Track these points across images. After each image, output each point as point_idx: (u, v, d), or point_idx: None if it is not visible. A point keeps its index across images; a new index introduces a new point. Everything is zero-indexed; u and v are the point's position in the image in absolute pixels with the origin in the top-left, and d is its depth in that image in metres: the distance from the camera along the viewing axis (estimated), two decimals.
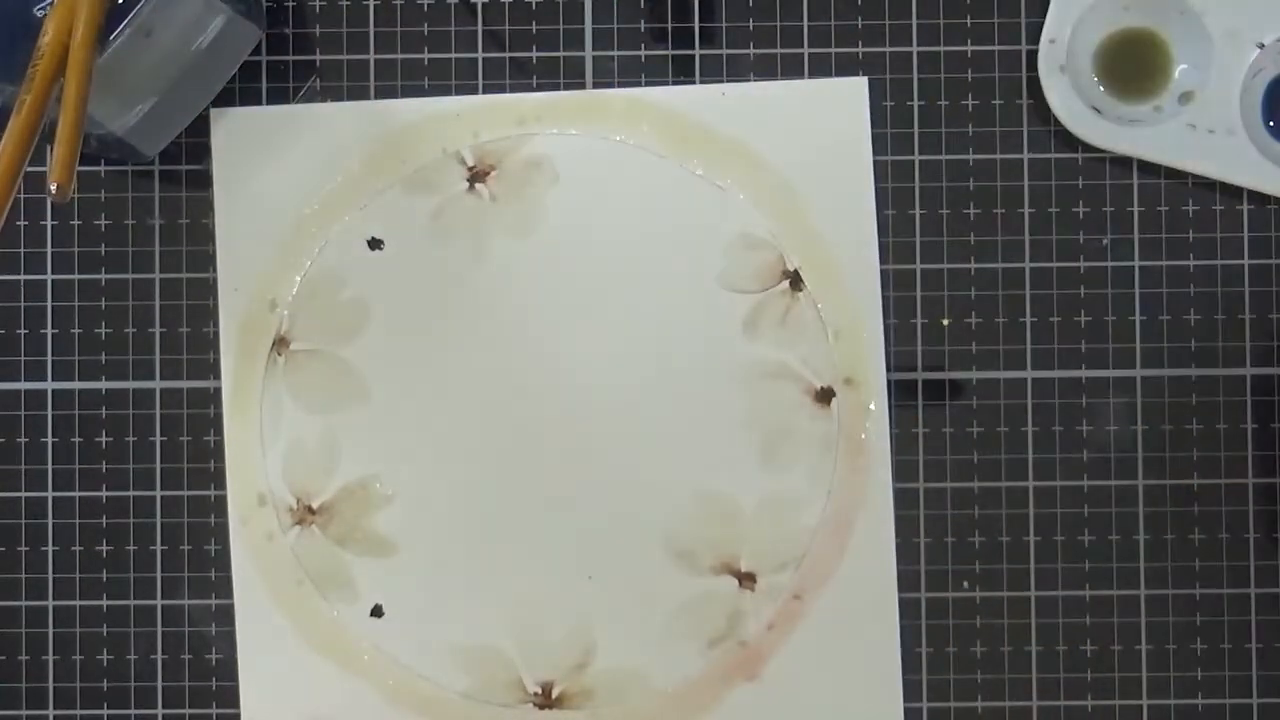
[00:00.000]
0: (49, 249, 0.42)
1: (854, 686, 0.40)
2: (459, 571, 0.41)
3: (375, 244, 0.41)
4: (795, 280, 0.41)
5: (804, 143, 0.41)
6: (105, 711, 0.41)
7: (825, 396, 0.40)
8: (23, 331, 0.42)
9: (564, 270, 0.41)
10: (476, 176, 0.41)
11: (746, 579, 0.40)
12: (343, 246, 0.41)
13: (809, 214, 0.41)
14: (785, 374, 0.40)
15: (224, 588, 0.41)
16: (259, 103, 0.42)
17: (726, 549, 0.41)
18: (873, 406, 0.40)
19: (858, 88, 0.41)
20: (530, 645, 0.41)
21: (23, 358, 0.42)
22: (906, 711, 0.41)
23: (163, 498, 0.42)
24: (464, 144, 0.41)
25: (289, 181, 0.41)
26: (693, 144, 0.41)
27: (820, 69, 0.42)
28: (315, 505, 0.41)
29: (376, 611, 0.41)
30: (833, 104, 0.41)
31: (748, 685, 0.40)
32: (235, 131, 0.41)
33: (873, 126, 0.42)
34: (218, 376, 0.41)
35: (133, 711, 0.41)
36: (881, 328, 0.41)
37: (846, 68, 0.42)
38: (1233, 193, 0.41)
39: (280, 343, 0.41)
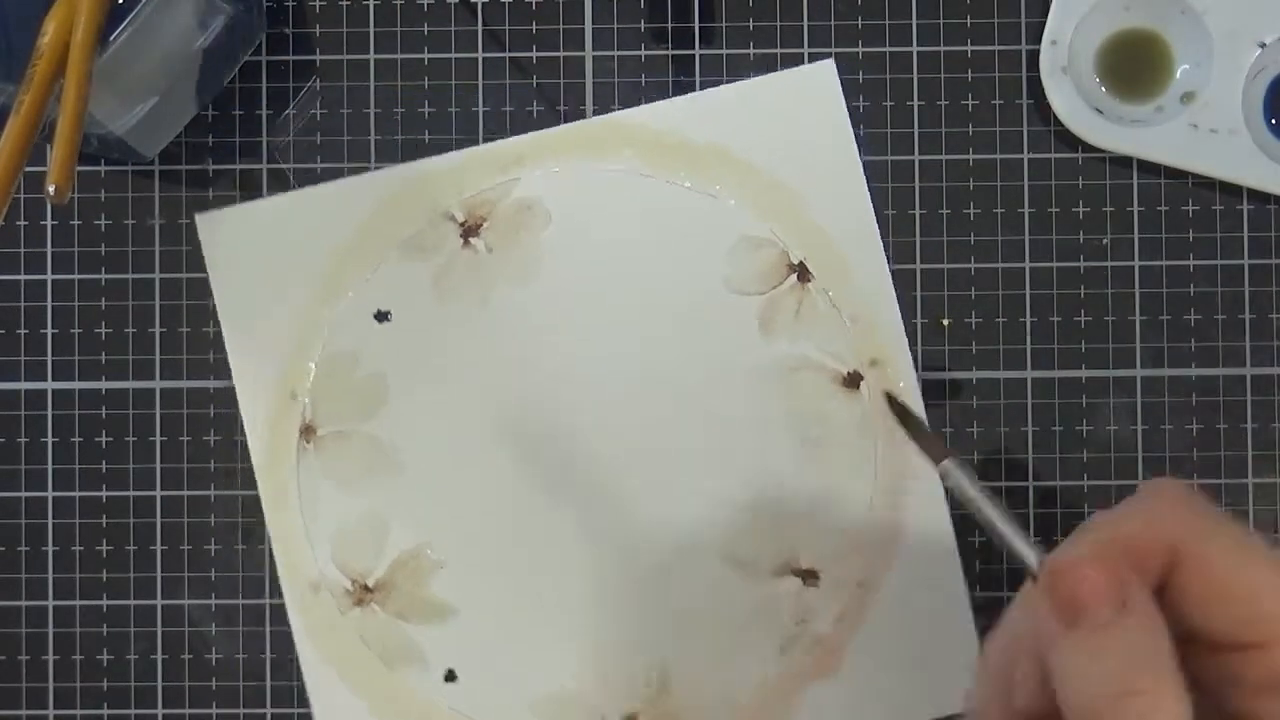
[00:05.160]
0: (49, 249, 0.42)
1: (934, 661, 0.40)
2: (524, 621, 0.40)
3: (382, 316, 0.41)
4: (802, 272, 0.41)
5: (784, 136, 0.41)
6: (105, 711, 0.41)
7: (854, 381, 0.40)
8: (23, 331, 0.42)
9: (573, 306, 0.41)
10: (469, 231, 0.41)
11: (809, 576, 0.40)
12: (351, 325, 0.41)
13: (803, 206, 0.41)
14: (809, 366, 0.40)
15: (224, 588, 0.41)
16: (259, 102, 0.42)
17: (784, 549, 0.40)
18: (902, 384, 0.40)
19: (826, 71, 0.41)
20: (607, 681, 0.40)
21: (23, 358, 0.42)
22: None
23: (163, 498, 0.42)
24: (452, 201, 0.41)
25: (286, 272, 0.41)
26: (676, 158, 0.41)
27: None
28: (370, 583, 0.40)
29: (450, 676, 0.40)
30: (804, 92, 0.41)
31: (827, 681, 0.40)
32: (224, 233, 0.41)
33: (873, 127, 0.41)
34: (218, 377, 0.41)
35: (133, 711, 0.41)
36: (897, 305, 0.40)
37: (847, 67, 0.42)
38: (1233, 192, 0.41)
39: (307, 431, 0.41)
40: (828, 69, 0.41)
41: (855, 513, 0.40)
